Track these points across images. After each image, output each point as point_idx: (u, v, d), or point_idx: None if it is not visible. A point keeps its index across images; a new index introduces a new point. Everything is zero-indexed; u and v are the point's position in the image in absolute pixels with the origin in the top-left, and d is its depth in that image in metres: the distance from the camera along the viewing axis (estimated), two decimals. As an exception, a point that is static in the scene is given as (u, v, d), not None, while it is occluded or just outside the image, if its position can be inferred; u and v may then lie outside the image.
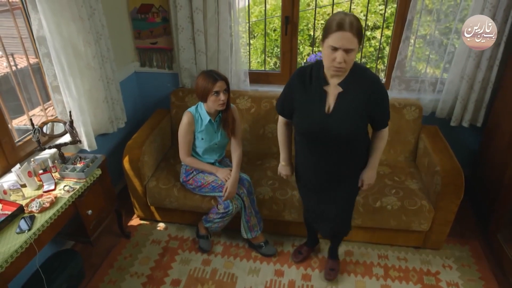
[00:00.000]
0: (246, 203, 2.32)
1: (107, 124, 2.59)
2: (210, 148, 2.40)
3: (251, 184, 2.38)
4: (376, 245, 2.56)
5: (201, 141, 2.36)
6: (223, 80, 2.20)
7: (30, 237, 1.69)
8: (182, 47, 2.82)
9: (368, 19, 5.52)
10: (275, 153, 2.88)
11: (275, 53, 5.63)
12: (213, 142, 2.39)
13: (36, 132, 2.05)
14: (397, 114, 2.71)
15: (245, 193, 2.31)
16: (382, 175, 2.60)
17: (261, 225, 2.44)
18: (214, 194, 2.38)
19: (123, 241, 2.61)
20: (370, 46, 5.64)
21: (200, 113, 2.32)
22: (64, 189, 1.98)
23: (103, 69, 2.47)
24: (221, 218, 2.35)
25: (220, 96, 2.19)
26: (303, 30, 5.76)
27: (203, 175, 2.41)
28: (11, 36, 2.55)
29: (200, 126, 2.33)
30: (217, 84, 2.17)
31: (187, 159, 2.39)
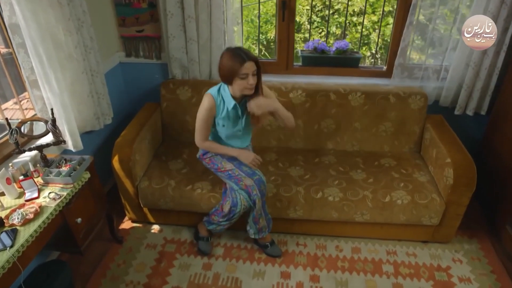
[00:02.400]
0: (257, 206, 2.15)
1: (92, 120, 2.36)
2: (233, 135, 2.15)
3: (265, 186, 2.17)
4: (383, 241, 2.46)
5: (222, 127, 2.10)
6: (252, 60, 1.88)
7: (13, 255, 1.49)
8: (171, 34, 2.59)
9: (354, 4, 5.40)
10: (274, 146, 2.73)
11: (260, 40, 5.42)
12: (236, 129, 2.12)
13: (14, 133, 1.82)
14: (402, 104, 2.59)
15: (258, 196, 2.11)
16: (388, 167, 2.49)
17: (270, 226, 2.30)
18: (229, 182, 2.19)
19: (115, 247, 2.42)
20: (356, 32, 5.52)
21: (223, 96, 2.04)
22: (49, 197, 1.77)
23: (87, 61, 2.23)
24: (228, 221, 2.20)
25: (248, 80, 1.90)
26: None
27: (221, 159, 2.20)
28: None
29: (222, 111, 2.05)
30: (246, 65, 1.86)
31: (204, 144, 2.15)
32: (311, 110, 2.65)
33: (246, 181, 2.10)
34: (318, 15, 5.31)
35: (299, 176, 2.40)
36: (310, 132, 2.69)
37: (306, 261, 2.32)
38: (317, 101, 2.63)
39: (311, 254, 2.37)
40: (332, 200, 2.26)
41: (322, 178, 2.38)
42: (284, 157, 2.60)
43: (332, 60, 2.92)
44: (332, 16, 5.44)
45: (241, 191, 2.11)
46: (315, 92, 2.62)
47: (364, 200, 2.25)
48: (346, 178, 2.39)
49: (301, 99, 2.63)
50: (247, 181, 2.10)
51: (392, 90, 2.61)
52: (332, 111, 2.64)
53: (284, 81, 2.76)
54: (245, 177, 2.11)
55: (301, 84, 2.68)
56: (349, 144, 2.70)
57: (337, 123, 2.66)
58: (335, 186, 2.32)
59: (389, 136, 2.66)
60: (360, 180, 2.37)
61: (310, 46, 2.94)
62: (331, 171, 2.46)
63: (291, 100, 2.64)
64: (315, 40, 2.94)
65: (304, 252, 2.39)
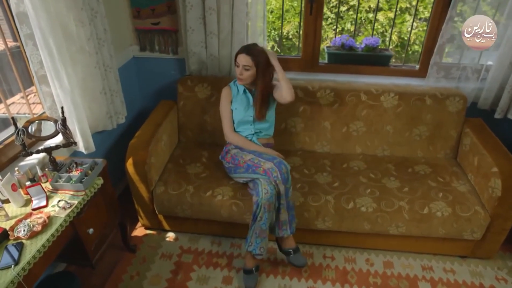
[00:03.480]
0: (280, 190, 1.95)
1: (105, 120, 2.18)
2: (244, 121, 2.20)
3: (288, 171, 1.98)
4: (417, 255, 2.26)
5: (235, 111, 2.20)
6: (246, 54, 2.04)
7: (19, 274, 1.31)
8: (190, 28, 2.40)
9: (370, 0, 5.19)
10: (298, 150, 2.54)
11: (272, 36, 5.22)
12: (248, 114, 2.18)
13: (20, 133, 1.64)
14: (439, 106, 2.38)
15: (279, 179, 1.92)
16: (423, 175, 2.29)
17: (293, 226, 2.05)
18: (248, 176, 2.04)
19: (127, 256, 2.24)
20: (372, 29, 5.31)
21: (237, 84, 2.21)
22: (58, 206, 1.59)
23: (100, 54, 2.05)
24: (254, 221, 1.95)
25: (238, 69, 2.09)
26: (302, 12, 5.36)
27: (242, 152, 2.12)
28: None
29: (236, 96, 2.20)
30: (238, 56, 2.07)
31: (231, 135, 2.21)
32: (339, 111, 2.45)
33: (265, 165, 1.98)
34: (332, 11, 5.11)
35: (327, 184, 2.21)
36: (338, 135, 2.50)
37: (335, 275, 2.13)
38: (347, 101, 2.43)
39: (339, 267, 2.18)
40: (365, 211, 2.07)
41: (353, 186, 2.19)
42: (310, 161, 2.41)
43: (360, 57, 2.71)
44: (346, 13, 5.23)
45: (260, 177, 1.97)
46: (344, 92, 2.42)
47: (400, 212, 2.06)
48: (378, 186, 2.20)
49: (329, 99, 2.44)
50: (266, 165, 1.97)
51: (428, 91, 2.40)
52: (362, 113, 2.44)
53: (309, 79, 2.56)
54: (265, 162, 2.00)
55: (329, 83, 2.49)
56: (380, 148, 2.50)
57: (368, 125, 2.46)
58: (367, 196, 2.13)
59: (424, 140, 2.45)
60: (395, 189, 2.17)
61: (338, 42, 2.74)
62: (361, 178, 2.27)
63: (318, 100, 2.44)
64: (343, 36, 2.73)
65: (332, 265, 2.20)
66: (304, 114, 2.47)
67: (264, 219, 1.94)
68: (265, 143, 2.25)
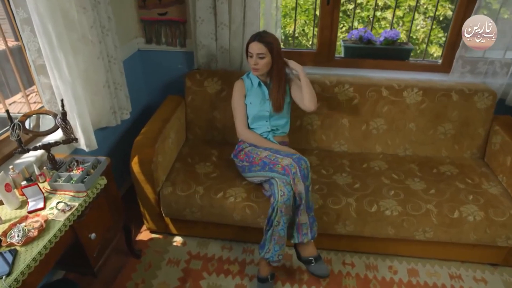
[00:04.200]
0: (298, 189, 1.77)
1: (108, 115, 2.03)
2: (260, 117, 2.05)
3: (308, 168, 1.82)
4: (444, 262, 2.10)
5: (249, 105, 2.05)
6: (259, 41, 1.90)
7: (11, 286, 1.15)
8: (200, 18, 2.25)
9: None
10: (315, 149, 2.38)
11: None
12: (264, 109, 2.03)
13: (16, 128, 1.48)
14: (466, 102, 2.22)
15: (298, 176, 1.76)
16: (449, 176, 2.13)
17: (314, 229, 1.87)
18: (264, 175, 1.87)
19: (132, 262, 2.08)
20: (380, 27, 5.17)
21: (251, 77, 2.08)
22: (57, 208, 1.44)
23: (103, 44, 1.89)
24: (270, 225, 1.79)
25: (252, 59, 1.94)
26: (308, 10, 5.20)
27: (257, 149, 1.98)
28: None
29: (250, 90, 2.06)
30: (251, 44, 1.93)
31: (244, 132, 2.05)
32: (359, 108, 2.29)
33: (283, 161, 1.81)
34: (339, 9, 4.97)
35: (347, 185, 2.05)
36: (357, 133, 2.34)
37: (356, 284, 1.97)
38: (367, 97, 2.27)
39: (360, 275, 2.02)
40: (389, 215, 1.91)
41: (375, 188, 2.03)
42: (327, 161, 2.25)
43: (379, 51, 2.56)
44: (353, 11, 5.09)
45: (278, 176, 1.80)
46: (364, 87, 2.27)
47: (428, 216, 1.89)
48: (402, 188, 2.04)
49: (348, 94, 2.28)
50: (284, 161, 1.81)
51: (454, 86, 2.24)
52: (383, 109, 2.28)
53: (325, 74, 2.40)
54: (282, 158, 1.83)
55: (347, 77, 2.33)
56: (401, 147, 2.34)
57: (389, 123, 2.30)
58: (391, 198, 1.96)
59: (449, 139, 2.29)
60: (420, 191, 2.01)
61: (355, 35, 2.58)
62: (383, 179, 2.10)
63: (337, 95, 2.28)
64: (361, 29, 2.57)
65: (353, 273, 2.04)
66: (321, 111, 2.31)
67: (282, 223, 1.78)
68: (280, 141, 2.09)
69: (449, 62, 2.41)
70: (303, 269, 2.04)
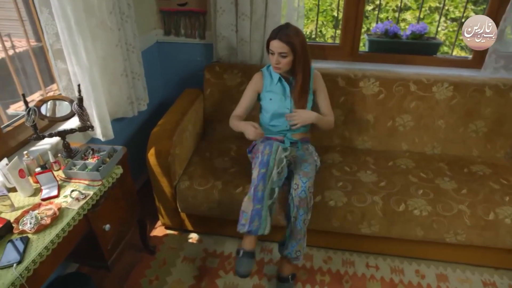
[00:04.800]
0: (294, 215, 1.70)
1: (125, 105, 1.97)
2: (280, 114, 1.91)
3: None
4: (476, 268, 1.96)
5: (269, 102, 1.92)
6: (281, 40, 1.73)
7: (21, 275, 1.08)
8: (220, 8, 2.18)
9: None
10: (337, 145, 2.28)
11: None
12: (284, 106, 1.90)
13: (31, 113, 1.43)
14: (501, 99, 2.10)
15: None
16: (482, 176, 2.00)
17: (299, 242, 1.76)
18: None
19: (146, 258, 2.01)
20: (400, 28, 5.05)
21: (271, 71, 1.93)
22: (71, 196, 1.37)
23: (122, 31, 1.84)
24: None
25: (274, 57, 1.79)
26: (326, 11, 5.12)
27: (260, 142, 1.89)
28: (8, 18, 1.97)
29: (270, 84, 1.92)
30: (272, 42, 1.77)
31: (231, 119, 1.96)
32: (385, 103, 2.18)
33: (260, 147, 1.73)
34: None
35: (372, 183, 1.94)
36: (382, 129, 2.23)
37: (381, 288, 1.86)
38: (394, 92, 2.16)
39: (386, 279, 1.91)
40: (418, 215, 1.79)
41: (402, 186, 1.92)
42: (351, 158, 2.14)
43: (405, 46, 2.45)
44: (372, 12, 4.98)
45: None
46: (391, 81, 2.16)
47: (460, 217, 1.77)
48: (432, 187, 1.92)
49: (374, 89, 2.17)
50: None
51: (488, 81, 2.12)
52: (411, 105, 2.17)
53: (349, 68, 2.30)
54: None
55: (373, 71, 2.22)
56: (429, 145, 2.22)
57: (417, 119, 2.18)
58: (420, 197, 1.85)
59: (480, 137, 2.16)
60: (451, 191, 1.89)
61: (380, 29, 2.48)
62: (411, 177, 1.99)
63: (362, 90, 2.18)
64: (386, 22, 2.47)
65: (377, 276, 1.92)
66: (344, 106, 2.21)
67: (299, 218, 1.70)
68: (301, 137, 2.00)
69: (481, 57, 2.29)
70: (325, 269, 1.93)
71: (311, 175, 1.74)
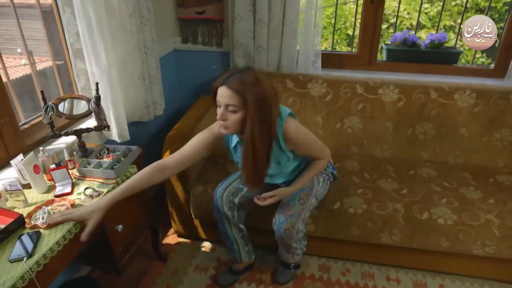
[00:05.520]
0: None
1: (142, 109, 1.96)
2: None
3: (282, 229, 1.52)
4: (506, 285, 1.84)
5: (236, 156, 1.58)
6: (229, 87, 1.25)
7: (31, 269, 1.04)
8: (238, 15, 2.19)
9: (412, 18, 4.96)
10: (355, 154, 2.22)
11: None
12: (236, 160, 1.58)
13: (49, 109, 1.42)
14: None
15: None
16: (509, 186, 1.91)
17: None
18: None
19: (157, 266, 1.95)
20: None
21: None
22: (85, 193, 1.35)
23: (141, 34, 1.85)
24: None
25: (220, 111, 1.31)
26: (340, 29, 5.15)
27: None
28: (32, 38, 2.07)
29: (231, 142, 1.55)
30: (219, 89, 1.28)
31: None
32: (404, 111, 2.13)
33: None
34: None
35: (393, 190, 1.87)
36: (401, 138, 2.16)
37: (403, 303, 1.76)
38: (414, 99, 2.11)
39: (408, 294, 1.80)
40: (443, 224, 1.70)
41: (425, 195, 1.84)
42: (370, 166, 2.08)
43: (424, 55, 2.41)
44: (386, 31, 5.00)
45: None
46: (411, 88, 2.11)
47: (488, 227, 1.68)
48: (456, 196, 1.83)
49: (393, 96, 2.13)
50: None
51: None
52: (431, 113, 2.11)
53: (366, 77, 2.27)
54: None
55: (392, 79, 2.18)
56: (451, 155, 2.14)
57: (437, 128, 2.12)
58: (444, 206, 1.76)
59: (506, 147, 2.08)
60: (477, 200, 1.80)
61: (398, 38, 2.45)
62: (433, 186, 1.91)
63: (381, 97, 2.14)
64: (404, 31, 2.45)
65: (399, 291, 1.82)
66: (363, 113, 2.16)
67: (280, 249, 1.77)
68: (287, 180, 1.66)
69: (503, 66, 2.24)
70: (343, 282, 1.84)
71: (292, 212, 1.51)
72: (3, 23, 1.88)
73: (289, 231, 1.53)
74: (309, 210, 1.64)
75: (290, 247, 1.67)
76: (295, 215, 1.54)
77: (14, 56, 2.42)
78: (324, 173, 1.71)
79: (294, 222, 1.53)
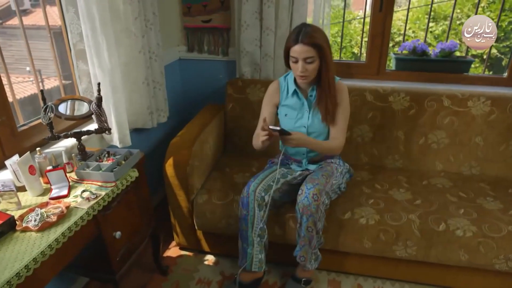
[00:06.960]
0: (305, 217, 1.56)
1: (145, 115, 1.91)
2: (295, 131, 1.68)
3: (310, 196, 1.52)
4: (530, 302, 1.71)
5: (284, 118, 1.74)
6: (307, 44, 1.51)
7: (19, 274, 0.96)
8: (245, 23, 2.16)
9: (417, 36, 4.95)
10: (365, 164, 2.13)
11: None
12: (301, 124, 1.70)
13: (48, 110, 1.37)
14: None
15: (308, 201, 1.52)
16: (531, 197, 1.80)
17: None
18: None
19: (157, 279, 1.85)
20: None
21: (288, 81, 1.74)
22: (82, 196, 1.27)
23: (146, 38, 1.82)
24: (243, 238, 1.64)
25: (298, 65, 1.56)
26: (345, 47, 5.14)
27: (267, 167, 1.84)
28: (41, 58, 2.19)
29: (285, 97, 1.73)
30: (295, 48, 1.54)
31: (253, 139, 1.75)
32: (416, 119, 2.05)
33: None
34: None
35: (407, 201, 1.77)
36: (413, 147, 2.08)
37: (421, 322, 1.63)
38: (426, 107, 2.04)
39: (425, 312, 1.68)
40: (461, 235, 1.60)
41: (440, 205, 1.74)
42: (381, 176, 1.99)
43: (434, 64, 2.35)
44: (392, 49, 5.00)
45: None
46: (423, 95, 2.05)
47: (511, 239, 1.57)
48: (474, 206, 1.73)
49: (404, 104, 2.06)
50: None
51: (528, 95, 1.98)
52: (444, 121, 2.03)
53: (377, 85, 2.21)
54: None
55: (402, 87, 2.12)
56: (466, 165, 2.05)
57: (451, 136, 2.03)
58: (461, 216, 1.66)
59: (524, 156, 1.99)
60: (496, 211, 1.70)
61: (408, 47, 2.40)
62: (449, 196, 1.81)
63: (391, 105, 2.07)
64: (414, 40, 2.40)
65: (415, 309, 1.70)
66: (372, 122, 2.09)
67: (303, 224, 1.59)
68: (321, 158, 1.81)
69: (517, 74, 2.17)
70: None
71: (318, 181, 1.58)
72: (15, 44, 1.99)
73: (317, 197, 1.53)
74: (330, 191, 1.67)
75: (314, 225, 1.56)
76: (321, 184, 1.57)
77: (23, 76, 2.54)
78: (342, 167, 1.80)
79: (321, 190, 1.55)
